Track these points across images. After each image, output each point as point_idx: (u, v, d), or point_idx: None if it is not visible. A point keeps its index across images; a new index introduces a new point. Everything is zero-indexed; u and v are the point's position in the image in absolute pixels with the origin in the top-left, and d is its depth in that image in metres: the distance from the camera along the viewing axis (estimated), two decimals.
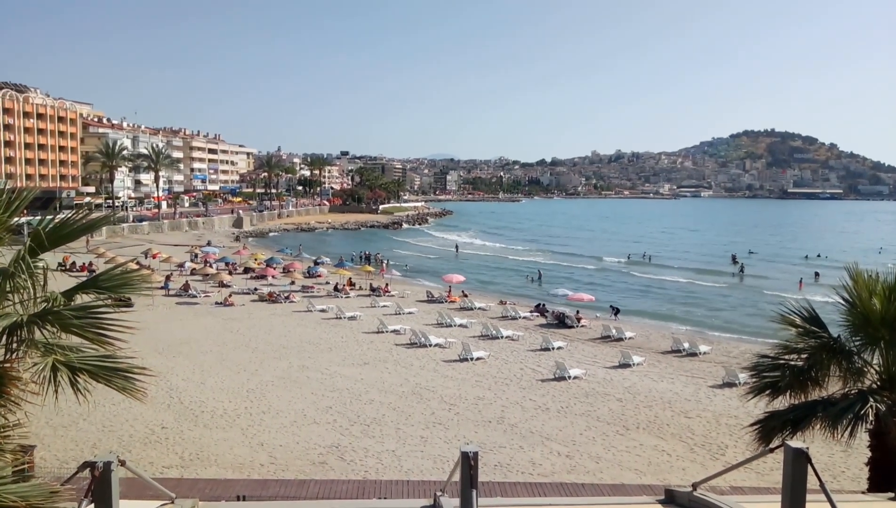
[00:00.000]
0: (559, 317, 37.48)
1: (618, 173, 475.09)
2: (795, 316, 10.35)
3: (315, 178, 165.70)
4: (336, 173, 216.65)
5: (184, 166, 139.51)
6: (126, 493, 8.80)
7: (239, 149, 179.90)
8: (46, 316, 5.92)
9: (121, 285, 6.80)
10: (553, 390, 23.88)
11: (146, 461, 16.48)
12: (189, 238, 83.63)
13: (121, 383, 6.35)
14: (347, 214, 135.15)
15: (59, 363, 6.05)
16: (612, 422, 20.56)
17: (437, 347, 29.82)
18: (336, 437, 18.57)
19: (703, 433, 19.73)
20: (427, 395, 22.76)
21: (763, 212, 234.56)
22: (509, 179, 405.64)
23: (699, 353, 30.21)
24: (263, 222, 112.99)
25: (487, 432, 19.38)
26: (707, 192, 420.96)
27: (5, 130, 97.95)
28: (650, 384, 25.10)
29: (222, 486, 14.29)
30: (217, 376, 24.67)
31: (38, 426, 17.62)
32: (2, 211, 6.24)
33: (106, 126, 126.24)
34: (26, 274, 5.93)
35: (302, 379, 24.41)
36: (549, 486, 14.89)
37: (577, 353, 30.08)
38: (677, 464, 17.20)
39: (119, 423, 19.08)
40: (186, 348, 29.06)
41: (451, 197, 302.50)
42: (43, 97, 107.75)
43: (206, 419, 19.94)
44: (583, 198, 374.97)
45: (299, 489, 14.34)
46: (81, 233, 6.56)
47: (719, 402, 22.75)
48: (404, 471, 16.27)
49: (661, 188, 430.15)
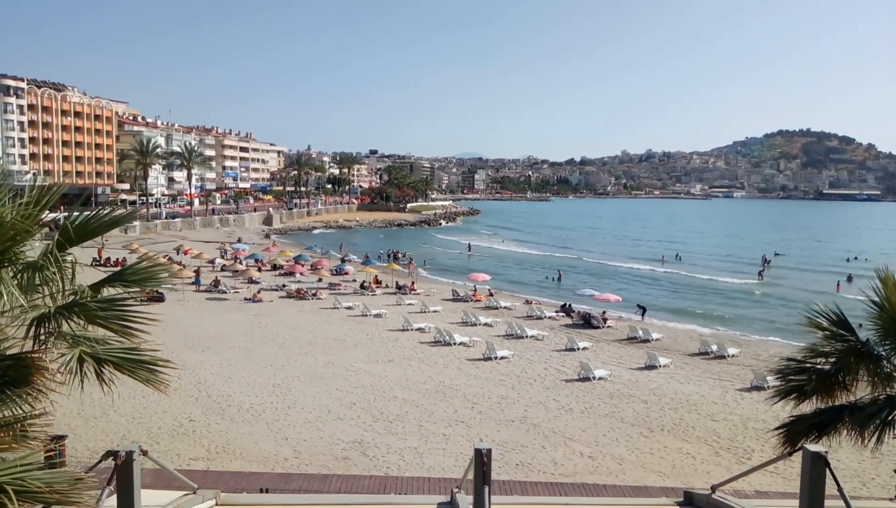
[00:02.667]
0: (585, 318, 37.25)
1: (648, 173, 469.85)
2: (822, 318, 10.14)
3: (344, 177, 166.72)
4: (365, 172, 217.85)
5: (216, 164, 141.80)
6: (152, 483, 9.04)
7: (270, 148, 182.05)
8: (73, 307, 6.09)
9: (146, 278, 6.94)
10: (577, 390, 23.75)
11: (173, 452, 16.81)
12: (220, 235, 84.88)
13: (145, 374, 6.49)
14: (375, 212, 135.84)
15: (85, 354, 6.22)
16: (636, 424, 20.39)
17: (462, 346, 29.87)
18: (359, 433, 18.72)
19: (729, 436, 19.46)
20: (450, 393, 22.81)
21: (798, 213, 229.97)
22: (538, 178, 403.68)
23: (727, 356, 29.78)
24: (293, 220, 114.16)
25: (510, 431, 19.36)
26: (740, 193, 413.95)
27: (44, 128, 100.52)
28: (676, 386, 24.83)
29: (247, 479, 14.51)
30: (244, 371, 25.02)
31: (69, 416, 18.11)
32: (32, 206, 6.42)
33: (140, 124, 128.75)
34: (54, 267, 6.10)
35: (327, 375, 24.65)
36: (571, 486, 14.83)
37: (603, 354, 29.87)
38: (702, 468, 16.99)
39: (148, 415, 19.48)
40: (215, 343, 29.53)
41: (478, 196, 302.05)
42: (80, 96, 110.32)
43: (233, 412, 20.25)
44: (612, 197, 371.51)
45: (322, 483, 14.49)
46: (107, 228, 6.71)
47: (747, 406, 22.41)
48: (426, 468, 16.34)
49: (693, 188, 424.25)
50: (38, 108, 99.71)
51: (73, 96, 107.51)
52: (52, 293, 6.24)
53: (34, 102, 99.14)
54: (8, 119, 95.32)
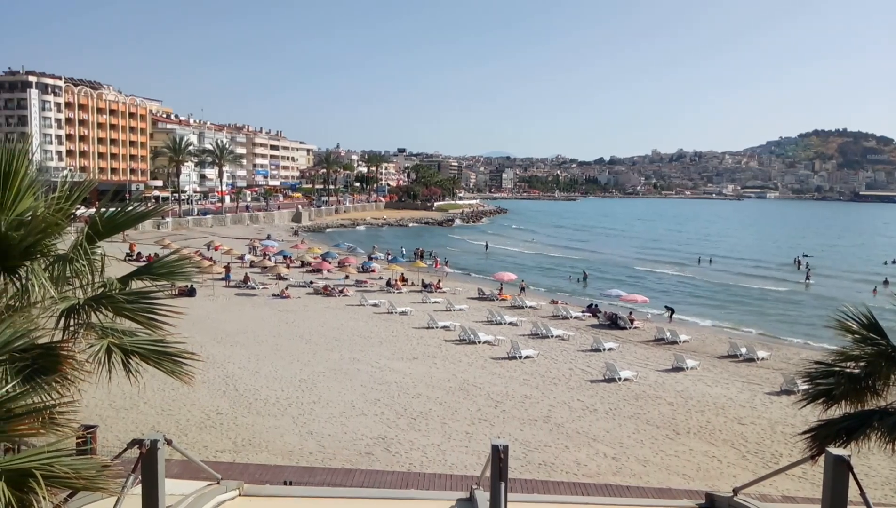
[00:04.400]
0: (611, 318, 36.96)
1: (679, 173, 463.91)
2: (853, 321, 9.95)
3: (372, 175, 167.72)
4: (392, 170, 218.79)
5: (246, 162, 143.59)
6: (178, 474, 9.22)
7: (299, 146, 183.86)
8: (101, 299, 6.26)
9: (173, 272, 7.11)
10: (602, 391, 23.59)
11: (200, 444, 17.10)
12: (250, 231, 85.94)
13: (170, 366, 6.65)
14: (402, 211, 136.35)
15: (113, 345, 6.40)
16: (661, 426, 20.19)
17: (486, 344, 29.85)
18: (383, 429, 18.84)
19: (756, 440, 19.16)
20: (474, 392, 22.82)
21: (834, 215, 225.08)
22: (566, 178, 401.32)
23: (757, 359, 29.30)
24: (321, 217, 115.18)
25: (533, 430, 19.31)
26: (773, 193, 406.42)
27: (80, 126, 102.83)
28: (703, 388, 24.51)
29: (272, 472, 14.71)
30: (271, 365, 25.33)
31: (100, 407, 18.54)
32: (63, 201, 6.62)
33: (174, 122, 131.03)
34: (84, 260, 6.27)
35: (352, 372, 24.84)
36: (593, 486, 14.75)
37: (629, 355, 29.61)
38: (728, 471, 16.76)
39: (177, 407, 19.84)
40: (243, 337, 29.93)
41: (506, 195, 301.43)
42: (115, 94, 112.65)
43: (259, 406, 20.52)
44: (642, 197, 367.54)
45: (345, 477, 14.62)
46: (134, 223, 6.91)
47: (776, 410, 22.03)
48: (448, 465, 16.39)
49: (725, 188, 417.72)
50: (75, 106, 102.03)
51: (108, 94, 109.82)
52: (82, 285, 6.42)
53: (71, 100, 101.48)
54: (46, 116, 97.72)
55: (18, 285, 5.74)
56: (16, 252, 5.59)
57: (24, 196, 6.26)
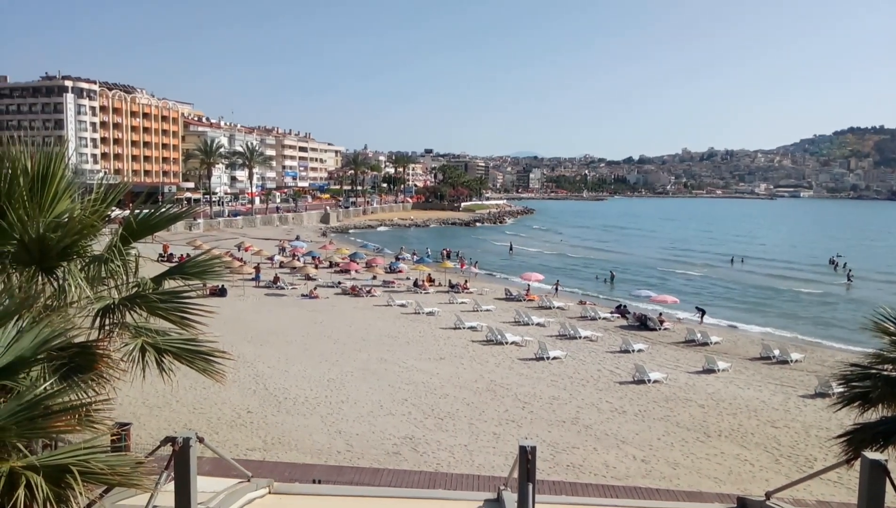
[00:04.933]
0: (641, 319, 36.59)
1: (710, 172, 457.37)
2: (889, 323, 9.72)
3: (399, 176, 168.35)
4: (420, 171, 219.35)
5: (276, 163, 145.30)
6: (210, 471, 9.36)
7: (328, 147, 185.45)
8: (135, 299, 6.39)
9: (204, 272, 7.22)
10: (631, 393, 23.36)
11: (231, 442, 17.34)
12: (279, 232, 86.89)
13: (202, 365, 6.76)
14: (429, 211, 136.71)
15: (147, 344, 6.53)
16: (692, 429, 19.92)
17: (514, 345, 29.77)
18: (410, 429, 18.90)
19: (790, 444, 18.80)
20: (501, 392, 22.78)
21: (870, 214, 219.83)
22: (594, 177, 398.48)
23: (791, 361, 28.75)
24: (349, 218, 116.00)
25: (561, 432, 19.20)
26: (807, 192, 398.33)
27: (114, 129, 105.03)
28: (735, 391, 24.12)
29: (300, 470, 14.84)
30: (300, 365, 25.58)
31: (134, 405, 18.91)
32: (99, 203, 6.77)
33: (205, 125, 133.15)
34: (119, 261, 6.41)
35: (380, 371, 24.97)
36: (622, 489, 14.61)
37: (659, 357, 29.28)
38: (760, 475, 16.47)
39: (208, 406, 20.14)
40: (273, 337, 30.28)
41: (533, 195, 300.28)
42: (148, 97, 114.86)
43: (289, 405, 20.74)
44: (672, 197, 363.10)
45: (373, 476, 14.69)
46: (167, 224, 7.04)
47: (810, 413, 21.59)
48: (475, 466, 16.38)
49: (757, 187, 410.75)
50: (109, 110, 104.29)
51: (141, 98, 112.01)
52: (117, 285, 6.56)
53: (106, 104, 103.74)
54: (81, 120, 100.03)
55: (56, 285, 5.89)
56: (53, 253, 5.74)
57: (61, 198, 6.41)
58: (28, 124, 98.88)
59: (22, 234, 5.57)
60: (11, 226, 5.58)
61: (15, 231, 5.58)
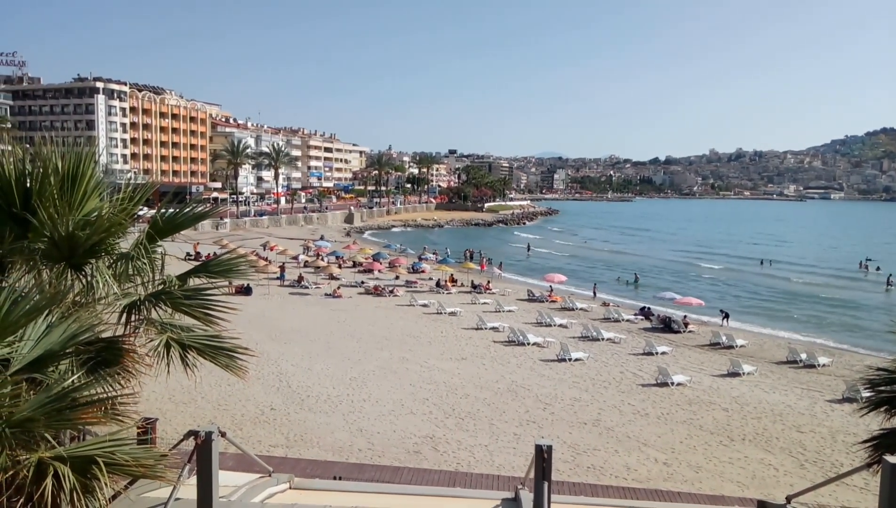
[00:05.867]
0: (665, 321, 36.25)
1: (738, 173, 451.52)
2: None
3: (423, 176, 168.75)
4: (444, 171, 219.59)
5: (301, 164, 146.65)
6: (233, 466, 9.52)
7: (352, 148, 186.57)
8: (160, 296, 6.55)
9: (228, 270, 7.37)
10: (654, 395, 23.18)
11: (254, 438, 17.57)
12: (304, 232, 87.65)
13: (225, 360, 6.90)
14: (453, 212, 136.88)
15: (172, 340, 6.68)
16: (715, 432, 19.71)
17: (536, 346, 29.70)
18: (431, 428, 18.98)
19: (815, 449, 18.52)
20: (522, 393, 22.75)
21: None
22: (619, 178, 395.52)
23: (818, 365, 28.29)
24: (373, 218, 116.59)
25: (582, 433, 19.13)
26: (838, 194, 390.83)
27: (144, 130, 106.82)
28: (760, 394, 23.81)
29: (322, 467, 15.00)
30: (323, 363, 25.81)
31: (160, 401, 19.26)
32: (126, 202, 6.94)
33: (232, 126, 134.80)
34: (145, 258, 6.57)
35: (402, 371, 25.09)
36: (643, 491, 14.52)
37: (683, 359, 28.99)
38: (784, 480, 16.25)
39: (233, 402, 20.43)
40: (297, 335, 30.58)
41: (557, 196, 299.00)
42: (177, 98, 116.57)
43: (311, 403, 20.95)
44: (698, 198, 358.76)
45: (393, 475, 14.79)
46: (192, 223, 7.20)
47: (837, 418, 21.23)
48: (495, 466, 16.40)
49: (786, 189, 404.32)
50: (139, 111, 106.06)
51: (170, 99, 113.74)
52: (143, 282, 6.72)
53: (136, 105, 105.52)
54: (112, 121, 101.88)
55: (84, 282, 6.05)
56: (81, 250, 5.90)
57: (90, 197, 6.59)
58: (60, 125, 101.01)
59: (52, 232, 5.74)
60: (42, 223, 5.75)
61: (45, 228, 5.76)
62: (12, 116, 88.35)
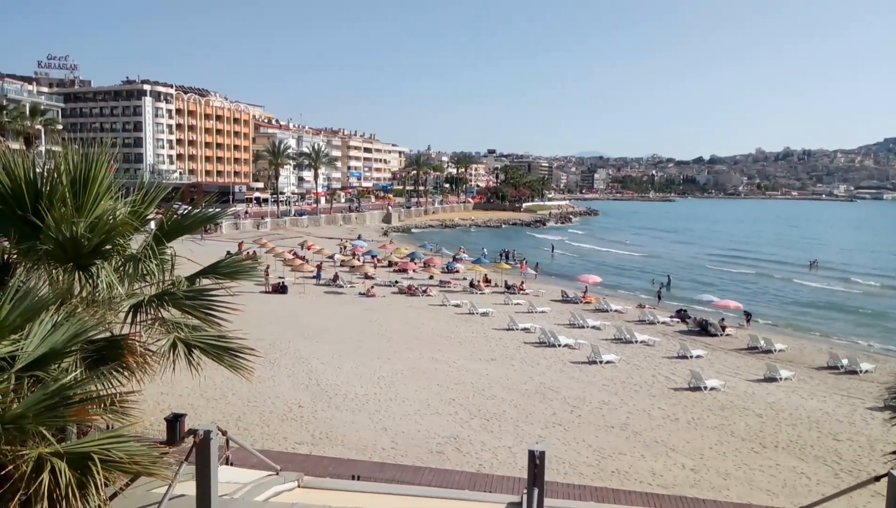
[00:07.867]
0: (701, 324, 35.50)
1: (785, 172, 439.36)
2: None
3: (461, 176, 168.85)
4: (482, 171, 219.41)
5: (341, 164, 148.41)
6: (241, 463, 9.67)
7: (391, 148, 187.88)
8: (164, 296, 6.70)
9: (235, 272, 7.50)
10: (685, 400, 22.74)
11: (281, 435, 17.84)
12: (342, 231, 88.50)
13: (230, 360, 7.02)
14: (490, 212, 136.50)
15: (178, 339, 6.84)
16: (747, 439, 19.24)
17: (566, 348, 29.42)
18: (456, 429, 18.98)
19: (852, 458, 17.92)
20: (550, 395, 22.57)
21: None
22: (662, 178, 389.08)
23: (860, 371, 27.35)
24: (410, 218, 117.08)
25: (609, 437, 18.89)
26: (890, 194, 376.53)
27: (189, 131, 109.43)
28: (797, 401, 23.14)
29: (343, 465, 15.12)
30: (353, 362, 26.02)
31: (192, 397, 19.70)
32: (139, 203, 7.13)
33: (274, 127, 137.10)
34: (155, 260, 6.73)
35: (430, 371, 25.14)
36: (668, 498, 14.26)
37: (718, 363, 28.37)
38: (816, 489, 15.76)
39: (262, 399, 20.77)
40: (328, 334, 30.90)
41: (598, 195, 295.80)
42: (221, 100, 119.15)
43: (339, 401, 21.16)
44: (744, 198, 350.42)
45: (415, 474, 14.84)
46: (200, 225, 7.35)
47: (877, 426, 20.48)
48: (518, 469, 16.28)
49: (836, 189, 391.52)
50: (185, 112, 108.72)
51: (214, 101, 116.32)
52: (151, 282, 6.89)
53: (181, 107, 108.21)
54: (159, 122, 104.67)
55: (91, 282, 6.23)
56: (86, 251, 6.07)
57: (101, 199, 6.77)
58: (110, 126, 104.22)
59: (57, 235, 5.92)
60: (48, 227, 5.94)
61: (51, 231, 5.94)
62: (64, 118, 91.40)
